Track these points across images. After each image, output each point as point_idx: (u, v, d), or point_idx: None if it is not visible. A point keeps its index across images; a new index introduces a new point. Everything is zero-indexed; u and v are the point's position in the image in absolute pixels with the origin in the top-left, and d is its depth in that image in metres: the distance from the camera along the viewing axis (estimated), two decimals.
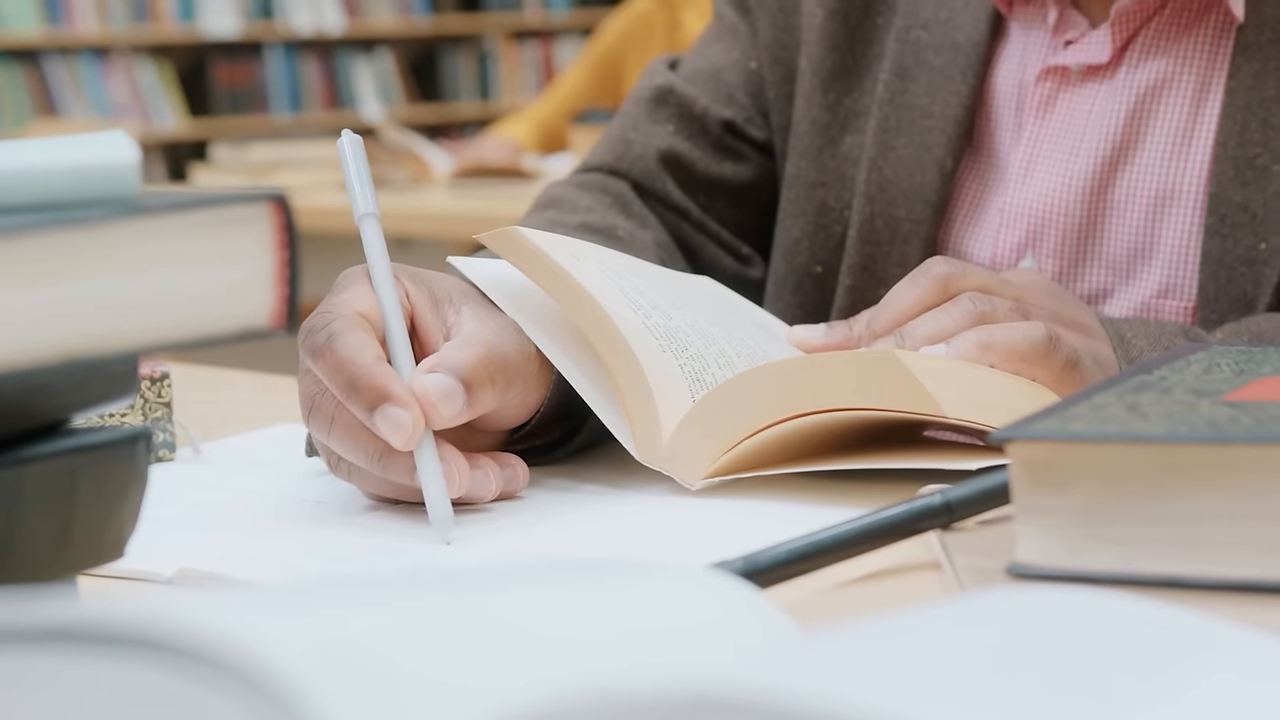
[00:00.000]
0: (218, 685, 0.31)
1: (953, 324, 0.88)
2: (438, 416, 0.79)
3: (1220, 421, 0.60)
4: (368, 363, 0.79)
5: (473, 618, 0.37)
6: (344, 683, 0.32)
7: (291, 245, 0.52)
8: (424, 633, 0.36)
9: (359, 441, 0.80)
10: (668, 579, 0.50)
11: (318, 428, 0.82)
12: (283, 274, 0.52)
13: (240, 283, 0.51)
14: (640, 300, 0.87)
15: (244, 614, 0.33)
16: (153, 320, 0.49)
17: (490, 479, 0.82)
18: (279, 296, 0.52)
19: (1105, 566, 0.60)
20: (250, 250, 0.51)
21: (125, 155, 0.49)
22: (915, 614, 0.45)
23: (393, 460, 0.80)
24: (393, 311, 0.81)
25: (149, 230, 0.48)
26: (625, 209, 1.16)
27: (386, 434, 0.78)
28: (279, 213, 0.51)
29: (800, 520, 0.77)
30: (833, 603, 0.64)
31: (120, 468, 0.58)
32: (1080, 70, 1.08)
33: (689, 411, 0.83)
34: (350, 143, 0.86)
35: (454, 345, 0.82)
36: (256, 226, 0.51)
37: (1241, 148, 1.03)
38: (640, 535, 0.79)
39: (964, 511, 0.67)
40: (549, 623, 0.39)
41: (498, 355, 0.82)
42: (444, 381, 0.80)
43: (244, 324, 0.51)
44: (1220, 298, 1.03)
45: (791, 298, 1.16)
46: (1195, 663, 0.39)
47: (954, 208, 1.12)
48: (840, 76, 1.15)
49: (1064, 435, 0.60)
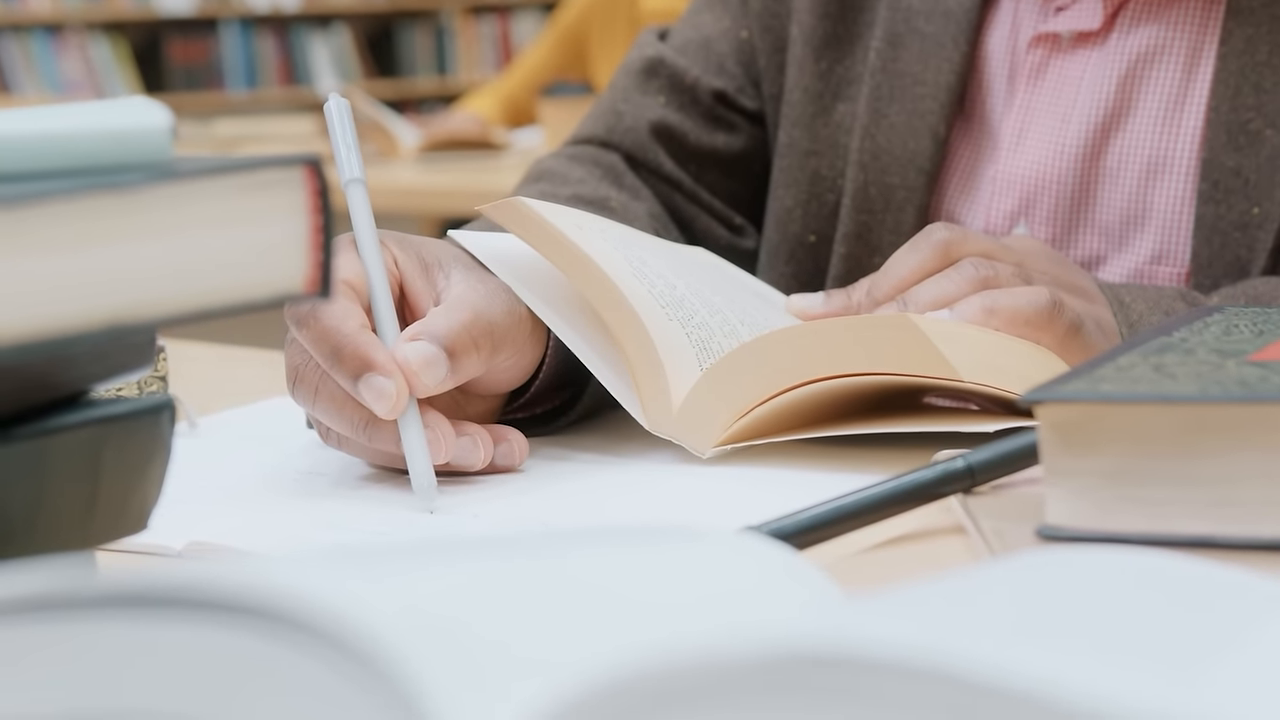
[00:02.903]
0: (312, 651, 0.31)
1: (955, 289, 0.88)
2: (420, 385, 0.79)
3: (1251, 381, 0.59)
4: (351, 331, 0.78)
5: (547, 581, 0.37)
6: (435, 648, 0.32)
7: (325, 210, 0.51)
8: (504, 597, 0.35)
9: (344, 411, 0.80)
10: (712, 543, 0.50)
11: (303, 397, 0.81)
12: (317, 239, 0.51)
13: (275, 247, 0.50)
14: (645, 270, 0.87)
15: (331, 578, 0.33)
16: (189, 286, 0.49)
17: (478, 446, 0.81)
18: (314, 262, 0.51)
19: (1137, 527, 0.60)
20: (285, 214, 0.50)
21: (159, 120, 0.49)
22: (967, 576, 0.45)
23: (379, 429, 0.79)
24: (378, 278, 0.81)
25: (184, 195, 0.48)
26: (617, 181, 1.15)
27: (371, 403, 0.78)
28: (313, 177, 0.51)
29: (807, 486, 0.77)
30: (860, 567, 0.64)
31: (144, 438, 0.57)
32: (1071, 37, 1.08)
33: (699, 379, 0.82)
34: (338, 107, 0.85)
35: (439, 311, 0.82)
36: (291, 190, 0.50)
37: (1234, 113, 1.03)
38: (642, 504, 0.78)
39: (986, 475, 0.67)
40: (621, 587, 0.38)
41: (483, 319, 0.82)
42: (426, 349, 0.79)
43: (279, 289, 0.51)
44: (1214, 263, 1.03)
45: (785, 267, 1.15)
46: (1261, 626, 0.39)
47: (947, 175, 1.12)
48: (832, 44, 1.14)
49: (1095, 396, 0.60)
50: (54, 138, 0.47)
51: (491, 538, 0.43)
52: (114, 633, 0.34)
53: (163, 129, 0.49)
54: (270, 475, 0.85)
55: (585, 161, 1.16)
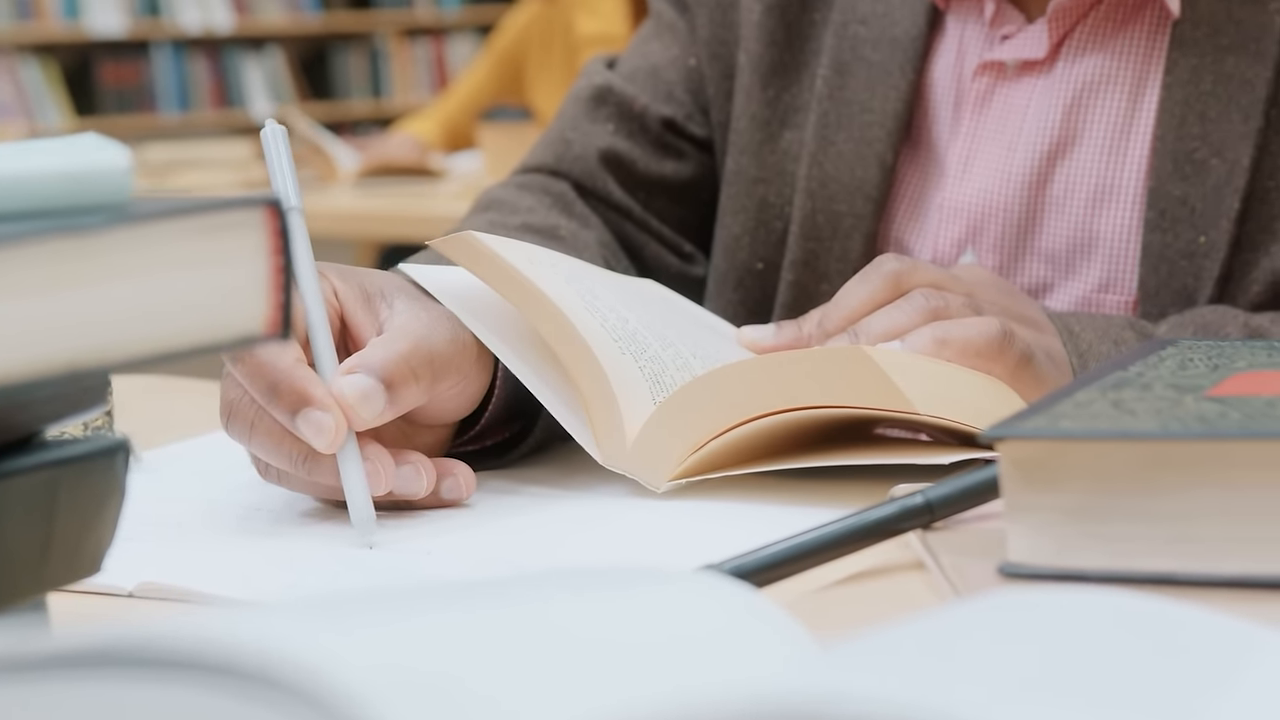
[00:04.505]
0: (288, 709, 0.30)
1: (906, 320, 0.88)
2: (357, 418, 0.78)
3: (1210, 417, 0.60)
4: (288, 365, 0.78)
5: (523, 631, 0.36)
6: (414, 705, 0.31)
7: (286, 251, 0.50)
8: (478, 649, 0.35)
9: (282, 446, 0.79)
10: (679, 585, 0.49)
11: (238, 433, 0.81)
12: (277, 280, 0.50)
13: (235, 289, 0.50)
14: (597, 303, 0.86)
15: (303, 631, 0.32)
16: (149, 329, 0.48)
17: (421, 475, 0.81)
18: (274, 303, 0.50)
19: (1098, 564, 0.60)
20: (245, 256, 0.50)
21: (118, 161, 0.48)
22: (936, 620, 0.45)
23: (318, 463, 0.79)
24: (316, 311, 0.80)
25: (145, 238, 0.47)
26: (567, 209, 1.15)
27: (309, 438, 0.77)
28: (274, 218, 0.50)
29: (763, 520, 0.77)
30: (822, 605, 0.64)
31: (99, 480, 0.56)
32: (1017, 65, 1.09)
33: (653, 413, 0.82)
34: (274, 134, 0.84)
35: (377, 343, 0.81)
36: (251, 231, 0.50)
37: (1180, 142, 1.04)
38: (596, 540, 0.78)
39: (945, 511, 0.67)
40: (596, 636, 0.38)
41: (423, 349, 0.81)
42: (362, 382, 0.79)
43: (240, 331, 0.50)
44: (1161, 291, 1.04)
45: (733, 294, 1.15)
46: (1243, 669, 0.39)
47: (895, 202, 1.12)
48: (779, 72, 1.15)
49: (1056, 433, 0.60)
50: (12, 179, 0.46)
51: (458, 584, 0.42)
52: (79, 695, 0.33)
53: (122, 170, 0.48)
54: (217, 511, 0.84)
55: (534, 190, 1.16)
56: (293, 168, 0.84)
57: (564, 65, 3.43)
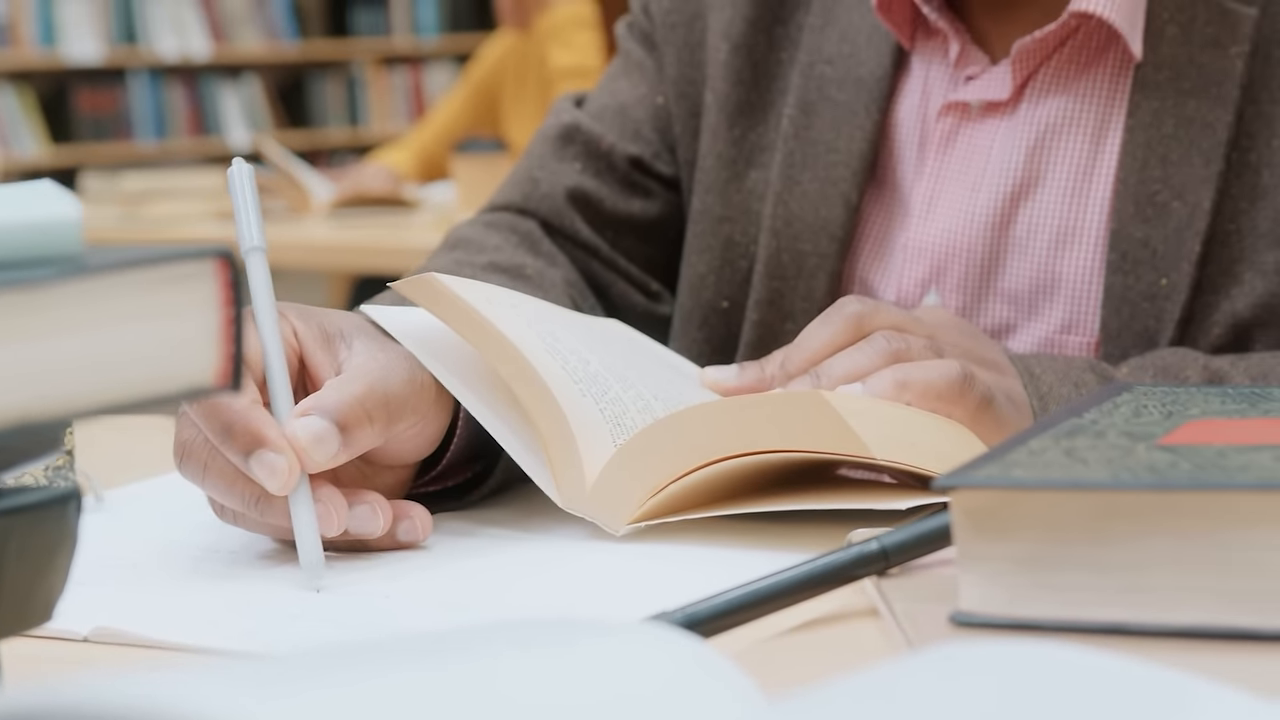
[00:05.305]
0: None
1: (868, 362, 0.88)
2: (310, 461, 0.78)
3: (1161, 467, 0.60)
4: (242, 406, 0.78)
5: (465, 695, 0.36)
6: None
7: (237, 302, 0.51)
8: (421, 714, 0.35)
9: (235, 487, 0.80)
10: (625, 640, 0.49)
11: (191, 473, 0.81)
12: (228, 332, 0.50)
13: (186, 341, 0.50)
14: (558, 345, 0.87)
15: (234, 697, 0.32)
16: (99, 381, 0.48)
17: (377, 514, 0.81)
18: (225, 355, 0.50)
19: (1050, 614, 0.60)
20: (196, 308, 0.50)
21: (68, 212, 0.48)
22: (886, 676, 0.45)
23: (270, 505, 0.79)
24: (274, 351, 0.80)
25: (96, 291, 0.47)
26: (534, 248, 1.15)
27: (262, 479, 0.78)
28: (225, 269, 0.50)
29: (722, 564, 0.77)
30: (774, 654, 0.64)
31: (50, 529, 0.56)
32: (981, 106, 1.09)
33: (613, 456, 0.82)
34: (240, 172, 0.84)
35: (332, 384, 0.82)
36: (202, 283, 0.50)
37: (1142, 184, 1.04)
38: (551, 584, 0.77)
39: (900, 557, 0.67)
40: (541, 699, 0.38)
41: (378, 390, 0.81)
42: (315, 425, 0.79)
43: (189, 383, 0.50)
44: (1123, 333, 1.04)
45: (698, 333, 1.16)
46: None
47: (859, 242, 1.12)
48: (745, 111, 1.15)
49: (1007, 482, 0.60)
50: None
51: (407, 639, 0.42)
52: None
53: (73, 221, 0.48)
54: (175, 552, 0.84)
55: (502, 229, 1.16)
56: (258, 207, 0.84)
57: (538, 97, 3.44)
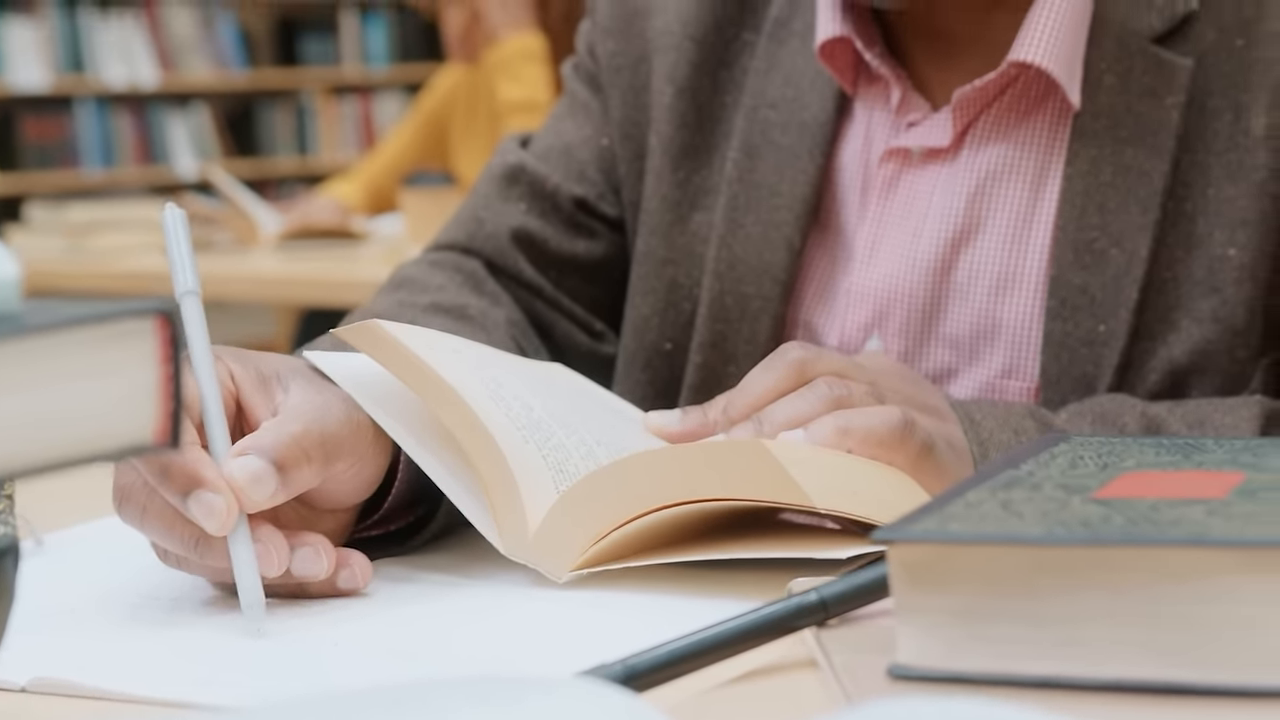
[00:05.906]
0: None
1: (810, 409, 0.89)
2: (248, 500, 0.78)
3: (1094, 521, 0.61)
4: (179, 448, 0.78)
5: None
6: None
7: (176, 359, 0.51)
8: None
9: (174, 529, 0.80)
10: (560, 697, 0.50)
11: (130, 517, 0.81)
12: (167, 389, 0.50)
13: (125, 398, 0.50)
14: (501, 391, 0.87)
15: None
16: (35, 440, 0.48)
17: (321, 556, 0.81)
18: (164, 412, 0.50)
19: (986, 667, 0.60)
20: (135, 366, 0.50)
21: (6, 270, 0.48)
22: None
23: (210, 546, 0.79)
24: (210, 393, 0.80)
25: (34, 351, 0.47)
26: (477, 287, 1.15)
27: (200, 520, 0.78)
28: (165, 326, 0.50)
29: (664, 611, 0.77)
30: (711, 706, 0.64)
31: None
32: (922, 152, 1.10)
33: (555, 503, 0.82)
34: (174, 217, 0.84)
35: (269, 425, 0.82)
36: (141, 341, 0.50)
37: (1080, 232, 1.05)
38: (490, 633, 0.77)
39: (839, 608, 0.68)
40: None
41: (315, 431, 0.81)
42: (253, 464, 0.79)
43: (128, 441, 0.50)
44: (1062, 379, 1.05)
45: (641, 375, 1.16)
46: None
47: (803, 286, 1.13)
48: (689, 154, 1.16)
49: (944, 536, 0.61)
50: None
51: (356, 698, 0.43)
52: None
53: (11, 280, 0.48)
54: (116, 598, 0.83)
55: (446, 268, 1.17)
56: (191, 251, 0.84)
57: (488, 131, 3.44)
